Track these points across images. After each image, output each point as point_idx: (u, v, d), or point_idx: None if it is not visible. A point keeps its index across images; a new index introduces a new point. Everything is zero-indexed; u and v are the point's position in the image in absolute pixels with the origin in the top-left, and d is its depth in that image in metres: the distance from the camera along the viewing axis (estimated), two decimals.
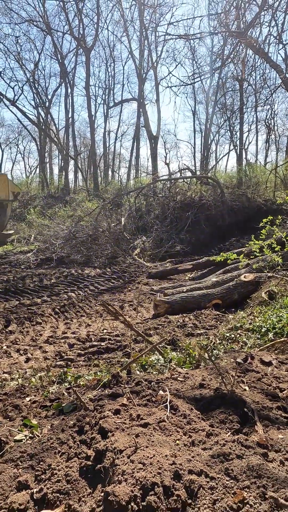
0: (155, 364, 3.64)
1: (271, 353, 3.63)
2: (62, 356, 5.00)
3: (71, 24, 25.81)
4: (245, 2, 8.96)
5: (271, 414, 2.25)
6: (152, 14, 23.39)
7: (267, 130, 27.15)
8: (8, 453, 2.20)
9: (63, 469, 1.81)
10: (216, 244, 14.05)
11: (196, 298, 7.08)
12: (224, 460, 1.65)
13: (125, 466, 1.59)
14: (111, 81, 32.14)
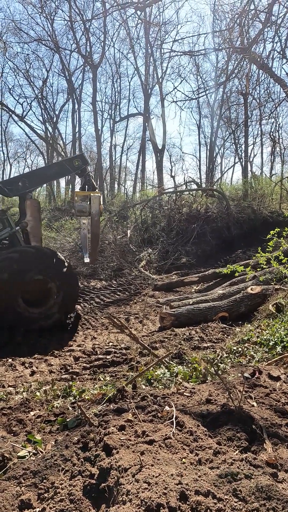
0: (161, 378, 3.58)
1: (280, 367, 3.55)
2: (67, 369, 4.96)
3: (78, 42, 26.56)
4: (249, 19, 9.14)
5: (280, 432, 2.18)
6: (158, 32, 24.00)
7: (272, 143, 27.32)
8: (11, 470, 2.16)
9: (67, 488, 1.77)
10: (222, 256, 13.99)
11: (203, 310, 7.01)
12: (232, 480, 1.59)
13: (129, 486, 1.55)
14: (117, 96, 32.80)
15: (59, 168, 8.29)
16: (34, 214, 7.61)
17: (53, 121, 31.43)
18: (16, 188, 7.40)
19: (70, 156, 9.16)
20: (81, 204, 7.52)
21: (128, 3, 9.93)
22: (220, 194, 17.66)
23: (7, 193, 7.52)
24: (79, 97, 29.73)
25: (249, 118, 22.84)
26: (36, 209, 7.72)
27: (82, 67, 28.71)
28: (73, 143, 30.74)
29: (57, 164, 8.69)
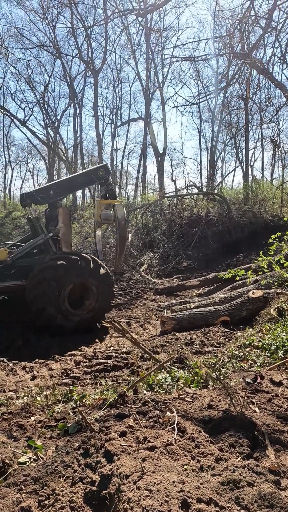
0: (162, 383, 3.56)
1: (282, 372, 3.53)
2: (68, 374, 4.94)
3: (80, 48, 26.77)
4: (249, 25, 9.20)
5: (283, 438, 2.16)
6: (159, 37, 24.18)
7: (273, 147, 27.38)
8: (11, 476, 2.15)
9: (67, 495, 1.75)
10: (223, 260, 13.98)
11: (204, 315, 6.99)
12: (234, 488, 1.58)
13: (131, 493, 1.53)
14: (119, 101, 32.96)
15: (86, 177, 8.71)
16: (65, 221, 7.98)
17: (55, 126, 31.59)
18: (47, 196, 7.82)
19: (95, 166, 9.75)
20: (106, 213, 8.02)
21: (129, 10, 10.02)
22: (221, 198, 17.68)
23: (40, 201, 7.91)
24: (80, 102, 29.93)
25: (250, 123, 22.94)
26: (67, 217, 8.11)
27: (84, 72, 28.93)
28: (75, 147, 30.88)
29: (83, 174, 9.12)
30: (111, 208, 8.09)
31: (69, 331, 6.77)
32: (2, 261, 7.35)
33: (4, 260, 7.38)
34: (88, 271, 7.15)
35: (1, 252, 7.52)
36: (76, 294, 7.20)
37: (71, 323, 6.90)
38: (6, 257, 7.45)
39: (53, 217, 7.99)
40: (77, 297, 7.24)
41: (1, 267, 7.31)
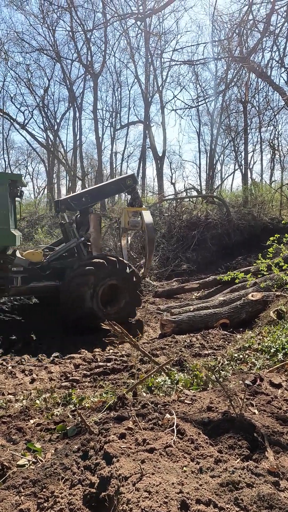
0: (161, 385, 3.56)
1: (281, 374, 3.53)
2: (68, 377, 4.93)
3: (79, 52, 26.89)
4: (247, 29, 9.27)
5: (282, 440, 2.16)
6: (158, 41, 24.32)
7: (272, 150, 27.47)
8: (10, 479, 2.14)
9: (66, 497, 1.75)
10: (222, 263, 13.99)
11: (203, 317, 6.99)
12: (234, 489, 1.58)
13: (130, 495, 1.53)
14: (118, 104, 33.06)
15: (115, 186, 9.26)
16: (96, 226, 8.46)
17: (54, 129, 31.67)
18: (80, 203, 8.35)
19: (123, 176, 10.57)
20: (134, 219, 8.50)
21: (129, 14, 10.10)
22: (220, 201, 17.72)
23: (73, 207, 8.40)
24: (80, 105, 30.01)
25: (249, 126, 23.03)
26: (98, 222, 8.61)
27: (83, 76, 29.02)
28: (74, 150, 30.96)
29: (112, 182, 9.75)
30: (138, 215, 8.53)
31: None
32: (38, 263, 7.82)
33: (40, 261, 7.88)
34: (118, 272, 7.56)
35: (37, 254, 8.01)
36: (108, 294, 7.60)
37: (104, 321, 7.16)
38: (42, 259, 7.97)
39: (84, 222, 8.47)
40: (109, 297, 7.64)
41: (37, 268, 7.74)
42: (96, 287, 7.31)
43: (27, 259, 7.77)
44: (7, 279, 7.36)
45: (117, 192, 10.76)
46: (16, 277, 7.40)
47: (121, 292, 7.66)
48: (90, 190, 9.44)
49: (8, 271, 7.42)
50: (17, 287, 7.45)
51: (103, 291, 7.45)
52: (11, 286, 7.38)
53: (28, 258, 7.82)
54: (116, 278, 7.55)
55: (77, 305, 7.12)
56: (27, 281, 7.53)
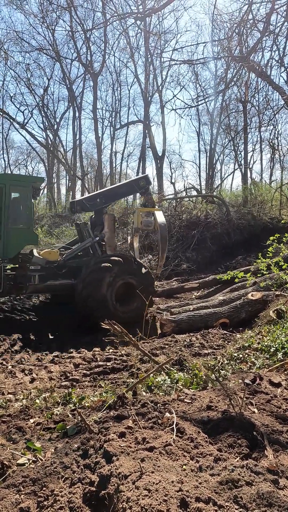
0: (161, 385, 3.56)
1: (281, 373, 3.54)
2: (67, 376, 4.93)
3: (79, 51, 26.88)
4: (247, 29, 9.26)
5: (282, 438, 2.17)
6: (157, 41, 24.31)
7: (271, 150, 27.48)
8: (10, 477, 2.14)
9: (66, 496, 1.75)
10: (222, 262, 13.99)
11: (203, 317, 6.99)
12: (233, 487, 1.58)
13: (130, 493, 1.54)
14: (118, 104, 33.04)
15: (128, 187, 9.56)
16: (110, 226, 8.61)
17: (54, 128, 31.66)
18: (95, 204, 8.63)
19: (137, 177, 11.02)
20: (147, 220, 8.63)
21: (128, 13, 10.09)
22: (220, 201, 17.72)
23: (88, 208, 8.72)
24: (79, 105, 30.01)
25: (248, 125, 23.01)
26: (112, 222, 8.76)
27: (83, 75, 29.02)
28: (74, 150, 30.94)
29: (126, 184, 10.07)
30: (151, 215, 8.67)
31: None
32: (55, 261, 8.06)
33: (57, 260, 8.12)
34: (132, 271, 7.78)
35: (54, 253, 8.27)
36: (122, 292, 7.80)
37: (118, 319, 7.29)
38: (58, 258, 8.21)
39: (99, 222, 8.69)
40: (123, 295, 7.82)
41: (54, 266, 7.97)
42: (111, 284, 7.45)
43: (44, 258, 7.99)
44: (26, 277, 7.61)
45: (130, 193, 10.98)
46: (34, 275, 7.66)
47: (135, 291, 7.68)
48: (104, 191, 9.68)
49: (27, 270, 7.66)
50: (34, 285, 7.68)
51: (117, 289, 7.61)
52: (29, 284, 7.61)
53: (45, 257, 8.03)
54: (132, 277, 7.73)
55: (91, 300, 7.24)
56: (44, 279, 7.76)
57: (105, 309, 7.17)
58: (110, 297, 7.44)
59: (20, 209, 7.66)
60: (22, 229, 7.64)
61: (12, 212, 7.46)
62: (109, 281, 7.45)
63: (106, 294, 7.39)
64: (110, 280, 7.45)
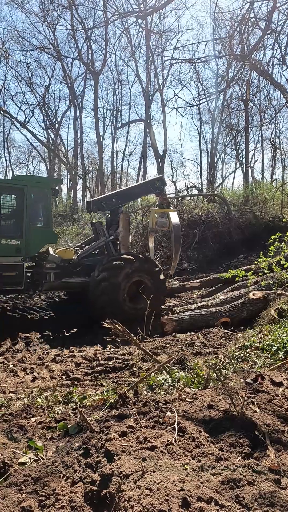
0: (162, 384, 3.56)
1: (282, 373, 3.53)
2: (69, 375, 4.93)
3: (80, 50, 26.86)
4: (249, 27, 9.23)
5: (283, 438, 2.16)
6: (158, 39, 24.25)
7: (273, 149, 27.42)
8: (12, 476, 2.15)
9: (68, 495, 1.75)
10: (223, 261, 13.98)
11: (204, 316, 6.99)
12: (235, 487, 1.58)
13: (131, 492, 1.54)
14: (119, 103, 33.04)
15: (144, 187, 9.79)
16: (125, 225, 8.83)
17: (55, 127, 31.66)
18: (110, 204, 8.84)
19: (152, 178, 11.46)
20: (161, 220, 8.87)
21: (130, 12, 10.07)
22: (221, 200, 17.69)
23: (104, 208, 8.89)
24: (80, 104, 30.01)
25: (250, 124, 22.96)
26: (126, 222, 8.98)
27: (84, 74, 29.03)
28: (75, 149, 30.94)
29: (142, 184, 10.46)
30: (165, 216, 8.87)
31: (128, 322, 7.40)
32: (70, 260, 8.30)
33: (71, 258, 8.37)
34: (144, 269, 7.93)
35: (69, 252, 8.54)
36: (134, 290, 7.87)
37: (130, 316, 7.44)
38: (73, 256, 8.48)
39: (114, 222, 8.93)
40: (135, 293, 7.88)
41: (69, 265, 8.22)
42: (123, 281, 7.61)
43: (59, 256, 8.22)
44: (41, 274, 7.85)
45: (145, 194, 11.13)
46: (49, 272, 7.88)
47: (147, 289, 7.88)
48: (120, 192, 9.93)
49: (43, 268, 7.90)
50: (50, 282, 7.90)
51: (129, 287, 7.77)
52: (44, 281, 7.83)
53: (60, 255, 8.26)
54: (144, 275, 7.89)
55: (103, 297, 7.41)
56: (59, 276, 7.99)
57: (116, 305, 7.34)
58: (122, 294, 7.59)
59: (40, 209, 7.98)
60: (42, 229, 7.94)
61: (33, 212, 7.77)
62: (120, 279, 7.58)
63: (119, 291, 7.54)
64: (121, 277, 7.58)
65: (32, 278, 7.93)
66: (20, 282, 7.50)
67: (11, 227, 7.57)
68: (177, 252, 8.90)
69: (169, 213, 8.94)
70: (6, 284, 7.36)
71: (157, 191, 9.37)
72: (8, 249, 7.38)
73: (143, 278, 7.92)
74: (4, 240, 7.36)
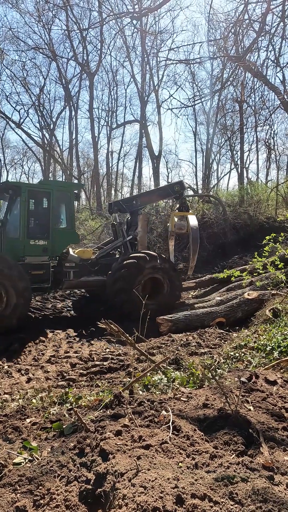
0: (158, 384, 3.57)
1: (276, 372, 3.56)
2: (64, 376, 4.93)
3: (75, 50, 26.82)
4: (243, 29, 9.28)
5: (277, 435, 2.18)
6: (153, 40, 24.29)
7: (267, 150, 27.57)
8: (6, 477, 2.14)
9: (63, 494, 1.75)
10: (219, 262, 14.03)
11: (200, 316, 7.01)
12: (229, 484, 1.59)
13: (126, 490, 1.54)
14: (114, 103, 33.00)
15: (163, 191, 10.33)
16: (143, 226, 9.21)
17: (50, 128, 31.54)
18: (131, 205, 9.36)
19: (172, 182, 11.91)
20: (180, 223, 9.22)
21: (125, 13, 10.08)
22: (216, 200, 17.76)
23: (125, 209, 9.38)
24: (76, 104, 29.94)
25: (245, 125, 23.05)
26: (146, 223, 9.41)
27: (79, 74, 28.95)
28: (70, 149, 30.86)
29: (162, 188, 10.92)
30: (184, 219, 9.23)
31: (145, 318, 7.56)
32: (88, 259, 8.80)
33: (90, 258, 8.87)
34: (158, 266, 8.22)
35: (88, 252, 9.04)
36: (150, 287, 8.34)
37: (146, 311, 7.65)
38: (91, 256, 8.97)
39: (134, 223, 9.36)
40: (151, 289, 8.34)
41: (87, 264, 8.71)
42: (138, 277, 7.92)
43: (78, 256, 8.71)
44: (62, 273, 8.30)
45: (165, 197, 11.45)
46: (69, 271, 8.36)
47: (162, 286, 8.30)
48: (140, 194, 10.52)
49: (63, 267, 8.36)
50: (69, 281, 8.36)
51: (145, 283, 8.13)
52: (65, 279, 8.27)
53: (80, 255, 8.76)
54: (158, 271, 8.22)
55: (120, 293, 7.70)
56: (79, 275, 8.48)
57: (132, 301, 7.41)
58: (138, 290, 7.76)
59: (64, 212, 8.44)
60: (66, 230, 8.39)
61: (58, 214, 8.31)
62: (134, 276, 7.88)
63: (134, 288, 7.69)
64: (134, 275, 7.89)
65: (54, 276, 8.25)
66: (47, 280, 7.96)
67: (38, 228, 7.98)
68: (194, 254, 9.19)
69: (188, 216, 9.26)
70: (35, 282, 7.71)
71: (176, 195, 9.71)
72: (37, 249, 7.84)
73: (158, 275, 8.21)
74: (32, 240, 7.81)
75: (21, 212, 7.63)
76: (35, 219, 8.00)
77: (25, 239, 7.70)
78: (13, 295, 6.86)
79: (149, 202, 11.02)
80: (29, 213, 7.76)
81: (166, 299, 8.29)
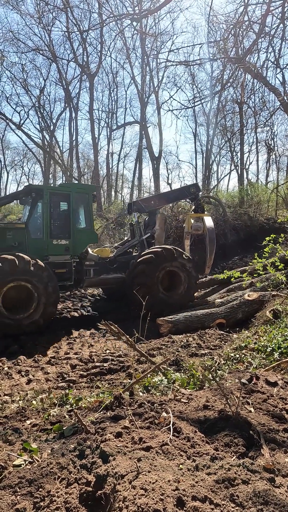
0: (158, 385, 3.57)
1: (277, 373, 3.55)
2: (64, 378, 4.92)
3: (75, 52, 26.86)
4: (243, 30, 9.30)
5: (278, 437, 2.17)
6: (154, 42, 24.33)
7: (268, 151, 27.60)
8: (6, 479, 2.13)
9: (63, 496, 1.75)
10: (219, 263, 14.02)
11: (200, 317, 7.00)
12: (229, 486, 1.58)
13: (126, 492, 1.53)
14: (114, 105, 33.07)
15: (180, 193, 10.68)
16: (161, 225, 9.58)
17: (50, 129, 31.57)
18: (149, 205, 9.78)
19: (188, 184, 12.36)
20: (196, 224, 9.61)
21: (125, 14, 10.09)
22: (216, 201, 17.76)
23: (143, 209, 9.78)
24: (76, 105, 29.96)
25: (245, 126, 23.08)
26: (163, 222, 9.74)
27: (79, 76, 29.00)
28: (70, 151, 30.89)
29: (178, 189, 11.20)
30: (200, 220, 9.56)
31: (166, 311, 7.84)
32: (107, 258, 9.11)
33: (108, 257, 9.16)
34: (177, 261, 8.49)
35: (106, 251, 9.38)
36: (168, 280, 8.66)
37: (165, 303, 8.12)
38: (109, 254, 9.27)
39: (151, 222, 9.77)
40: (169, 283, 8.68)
41: (106, 262, 9.02)
42: (156, 270, 8.19)
43: (97, 254, 9.03)
44: (83, 271, 8.63)
45: (181, 198, 11.78)
46: (89, 269, 8.70)
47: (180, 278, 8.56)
48: (158, 195, 11.05)
49: (83, 265, 8.68)
50: (90, 278, 8.67)
51: (163, 277, 8.41)
52: (85, 277, 8.59)
53: (98, 254, 9.08)
54: (175, 265, 8.47)
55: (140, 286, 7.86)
56: (98, 273, 8.80)
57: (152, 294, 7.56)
58: (157, 284, 8.19)
59: (83, 212, 8.79)
60: (86, 230, 8.71)
61: (78, 215, 8.64)
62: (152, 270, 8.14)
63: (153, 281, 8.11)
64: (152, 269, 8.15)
65: (75, 275, 8.52)
66: (69, 278, 8.30)
67: (60, 229, 8.29)
68: (211, 254, 9.47)
69: (204, 218, 9.55)
70: (59, 281, 7.88)
71: (192, 196, 10.08)
72: (59, 249, 8.19)
73: (175, 268, 8.48)
74: (55, 240, 8.15)
75: (44, 213, 7.98)
76: (56, 220, 8.30)
77: (48, 239, 8.03)
78: (43, 295, 7.10)
79: (166, 203, 11.32)
80: (51, 214, 8.08)
81: (185, 291, 8.58)
